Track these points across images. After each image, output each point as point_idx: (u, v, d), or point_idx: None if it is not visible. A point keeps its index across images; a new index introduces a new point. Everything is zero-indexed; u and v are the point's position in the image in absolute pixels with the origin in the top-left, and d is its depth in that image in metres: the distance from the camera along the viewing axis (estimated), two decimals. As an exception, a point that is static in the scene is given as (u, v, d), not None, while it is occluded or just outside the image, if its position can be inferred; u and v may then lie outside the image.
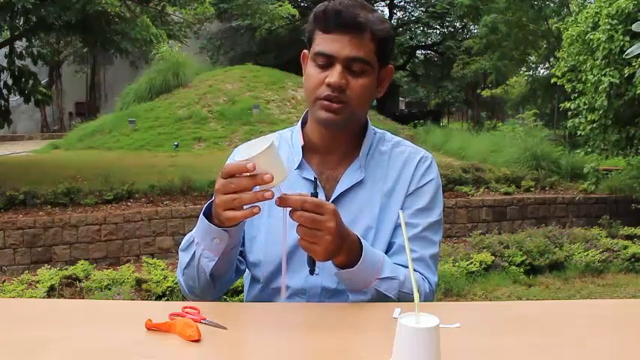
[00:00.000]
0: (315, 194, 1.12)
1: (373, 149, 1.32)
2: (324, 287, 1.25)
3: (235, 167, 1.03)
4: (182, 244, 1.26)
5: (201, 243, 1.17)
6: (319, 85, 1.21)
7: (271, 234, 1.28)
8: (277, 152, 1.05)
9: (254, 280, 1.31)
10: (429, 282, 1.25)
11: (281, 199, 1.04)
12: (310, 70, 1.23)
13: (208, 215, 1.14)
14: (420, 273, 1.24)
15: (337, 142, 1.29)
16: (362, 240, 1.14)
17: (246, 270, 1.35)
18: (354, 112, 1.24)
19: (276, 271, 1.25)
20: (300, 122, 1.35)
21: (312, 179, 1.28)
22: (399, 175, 1.30)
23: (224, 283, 1.28)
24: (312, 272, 1.18)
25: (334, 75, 1.19)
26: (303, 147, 1.31)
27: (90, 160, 9.68)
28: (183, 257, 1.24)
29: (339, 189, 1.28)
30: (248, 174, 1.01)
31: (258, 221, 1.29)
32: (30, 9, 7.28)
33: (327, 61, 1.20)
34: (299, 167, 1.30)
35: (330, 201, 1.26)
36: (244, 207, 1.04)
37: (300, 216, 1.04)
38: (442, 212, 1.33)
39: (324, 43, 1.20)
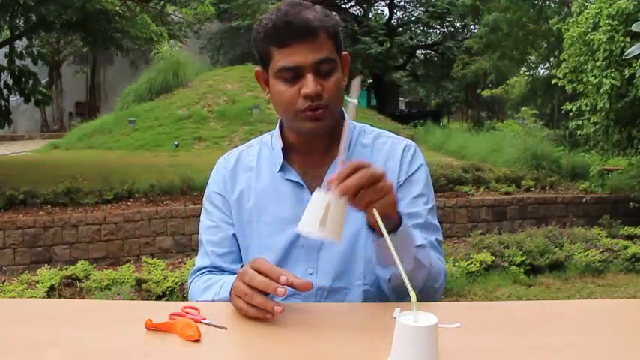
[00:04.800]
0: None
1: (354, 143, 1.32)
2: (319, 287, 1.25)
3: (270, 270, 1.03)
4: (199, 285, 1.28)
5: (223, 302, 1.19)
6: (295, 100, 1.19)
7: (262, 240, 1.29)
8: None
9: None
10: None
11: (338, 188, 0.97)
12: (278, 87, 1.20)
13: None
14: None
15: (316, 142, 1.29)
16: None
17: None
18: (333, 112, 1.24)
19: None
20: (278, 125, 1.35)
21: (296, 181, 1.28)
22: (384, 166, 1.29)
23: None
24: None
25: (309, 84, 1.17)
26: (283, 149, 1.30)
27: (90, 160, 9.68)
28: (201, 295, 1.25)
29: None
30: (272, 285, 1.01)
31: (250, 229, 1.31)
32: (31, 6, 7.28)
33: (294, 74, 1.18)
34: (281, 169, 1.30)
35: None
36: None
37: (361, 178, 0.97)
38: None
39: (284, 58, 1.17)
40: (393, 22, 24.19)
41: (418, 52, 25.62)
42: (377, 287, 1.28)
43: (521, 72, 19.21)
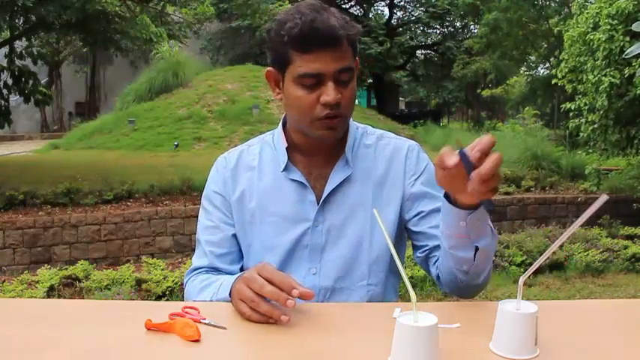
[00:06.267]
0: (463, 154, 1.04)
1: (357, 143, 1.32)
2: (322, 287, 1.25)
3: (281, 281, 1.02)
4: (196, 285, 1.26)
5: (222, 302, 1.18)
6: (314, 107, 1.18)
7: (265, 240, 1.28)
8: None
9: None
10: None
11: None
12: (297, 92, 1.19)
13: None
14: None
15: (323, 144, 1.28)
16: None
17: None
18: (347, 120, 1.25)
19: None
20: (280, 124, 1.34)
21: (300, 180, 1.28)
22: (389, 165, 1.30)
23: None
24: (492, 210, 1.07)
25: (330, 93, 1.16)
26: (287, 148, 1.30)
27: (90, 160, 9.67)
28: (198, 295, 1.24)
29: (329, 187, 1.27)
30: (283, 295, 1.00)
31: (252, 229, 1.30)
32: (30, 7, 7.28)
33: (315, 81, 1.17)
34: (285, 169, 1.29)
35: (322, 200, 1.27)
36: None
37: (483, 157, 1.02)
38: None
39: (306, 63, 1.15)
40: (393, 22, 24.19)
41: (418, 52, 25.63)
42: (382, 287, 1.28)
43: (521, 72, 19.23)
